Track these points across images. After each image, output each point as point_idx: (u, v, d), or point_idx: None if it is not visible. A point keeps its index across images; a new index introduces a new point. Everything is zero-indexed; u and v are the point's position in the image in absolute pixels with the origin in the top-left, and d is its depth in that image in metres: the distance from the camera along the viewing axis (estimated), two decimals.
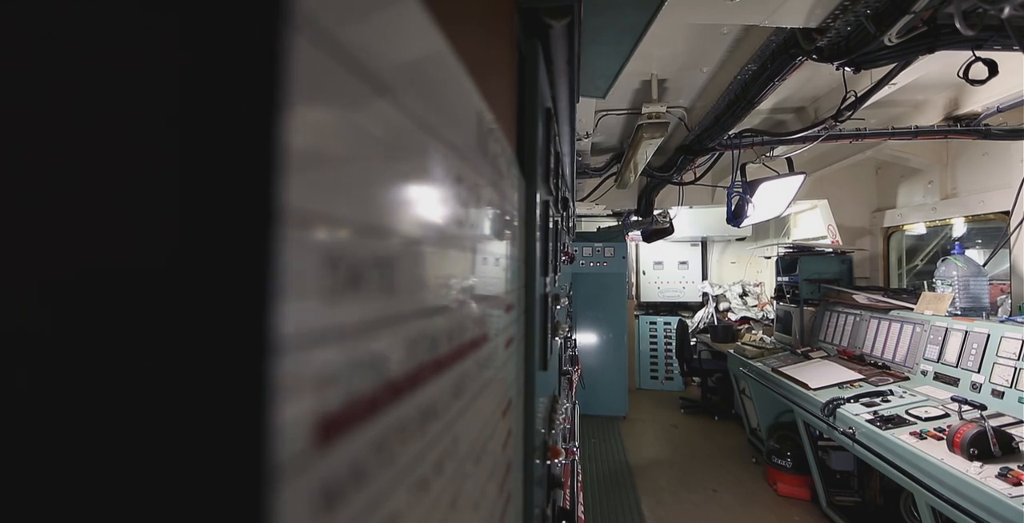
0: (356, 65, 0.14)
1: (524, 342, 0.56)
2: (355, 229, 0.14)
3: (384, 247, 0.16)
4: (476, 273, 0.28)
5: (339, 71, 0.13)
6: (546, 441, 0.72)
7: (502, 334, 0.37)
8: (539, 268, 0.66)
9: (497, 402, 0.36)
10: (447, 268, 0.22)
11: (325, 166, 0.13)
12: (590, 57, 1.18)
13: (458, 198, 0.24)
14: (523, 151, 0.58)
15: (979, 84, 1.28)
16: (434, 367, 0.20)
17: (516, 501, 0.48)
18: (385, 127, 0.15)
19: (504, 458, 0.40)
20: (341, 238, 0.14)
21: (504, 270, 0.40)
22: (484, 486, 0.31)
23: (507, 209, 0.40)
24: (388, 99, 0.15)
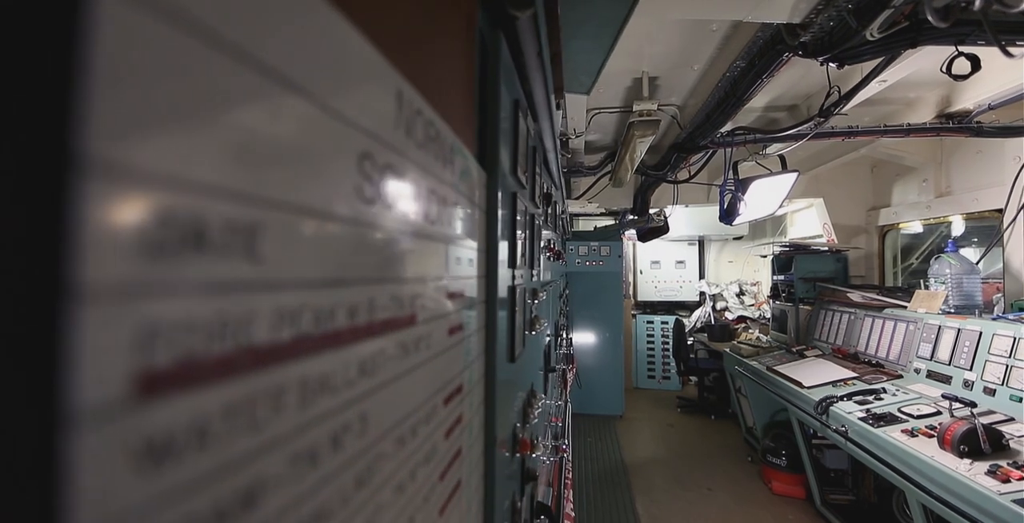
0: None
1: (485, 332, 0.55)
2: (199, 190, 0.14)
3: (245, 213, 0.16)
4: (395, 256, 0.28)
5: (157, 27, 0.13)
6: (516, 434, 0.72)
7: (441, 320, 0.37)
8: (506, 261, 0.65)
9: (435, 388, 0.36)
10: (345, 245, 0.22)
11: (159, 122, 0.13)
12: (572, 53, 1.18)
13: (363, 175, 0.24)
14: (485, 142, 0.58)
15: (962, 79, 1.28)
16: (323, 340, 0.20)
17: (470, 490, 0.48)
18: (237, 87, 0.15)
19: (449, 445, 0.40)
20: (182, 200, 0.14)
21: (449, 258, 0.40)
22: (414, 469, 0.31)
23: (453, 197, 0.40)
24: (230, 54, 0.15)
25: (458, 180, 0.42)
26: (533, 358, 1.00)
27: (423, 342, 0.32)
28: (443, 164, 0.37)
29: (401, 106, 0.28)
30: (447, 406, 0.39)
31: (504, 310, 0.63)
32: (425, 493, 0.33)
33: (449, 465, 0.40)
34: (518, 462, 0.78)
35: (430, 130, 0.33)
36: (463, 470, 0.45)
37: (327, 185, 0.21)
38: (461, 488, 0.44)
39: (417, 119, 0.31)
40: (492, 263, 0.56)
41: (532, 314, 0.95)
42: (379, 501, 0.26)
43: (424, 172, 0.32)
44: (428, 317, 0.33)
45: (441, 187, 0.36)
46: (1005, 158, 2.85)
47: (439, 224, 0.36)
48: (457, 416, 0.42)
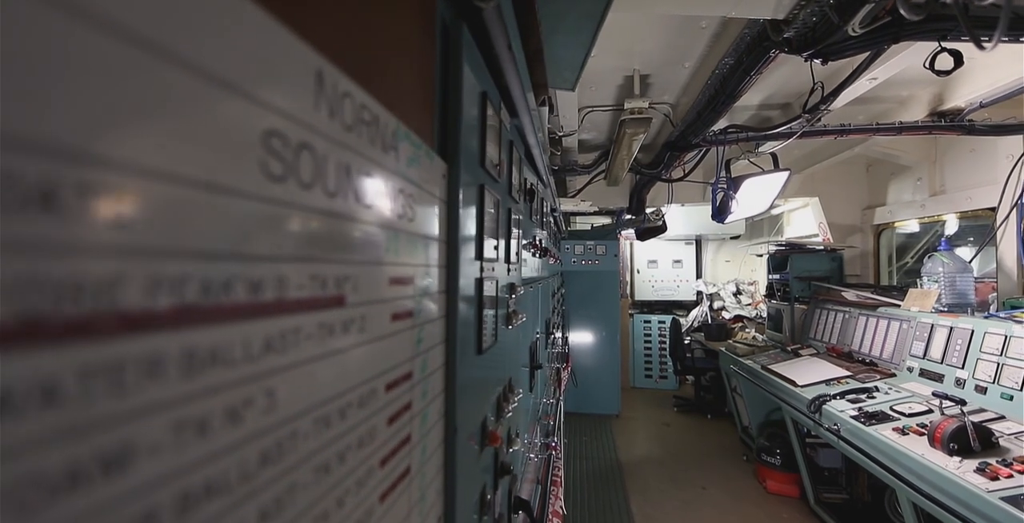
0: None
1: (445, 322, 0.55)
2: (50, 151, 0.14)
3: (104, 178, 0.16)
4: (316, 235, 0.28)
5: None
6: (486, 427, 0.72)
7: (381, 305, 0.37)
8: (472, 252, 0.65)
9: (373, 373, 0.36)
10: (247, 220, 0.22)
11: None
12: (553, 48, 1.18)
13: (269, 151, 0.24)
14: (446, 134, 0.58)
15: (945, 75, 1.28)
16: (215, 312, 0.20)
17: (424, 479, 0.48)
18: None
19: (393, 432, 0.40)
20: (31, 160, 0.14)
21: (393, 244, 0.39)
22: (343, 453, 0.31)
23: (398, 184, 0.40)
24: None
25: (405, 167, 0.42)
26: (511, 353, 1.00)
27: (354, 325, 0.32)
28: (382, 149, 0.37)
29: (322, 87, 0.28)
30: (390, 392, 0.39)
31: (469, 302, 0.63)
32: (359, 477, 0.33)
33: (393, 452, 0.40)
34: (490, 455, 0.78)
35: (363, 114, 0.33)
36: (413, 458, 0.45)
37: (219, 158, 0.21)
38: (411, 476, 0.44)
39: (344, 102, 0.31)
40: (453, 254, 0.56)
41: (510, 309, 0.95)
42: (292, 480, 0.26)
43: (354, 155, 0.32)
44: (362, 301, 0.33)
45: (379, 171, 0.36)
46: (998, 156, 2.84)
47: (377, 209, 0.36)
48: (405, 403, 0.42)
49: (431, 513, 0.50)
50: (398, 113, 0.41)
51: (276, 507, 0.25)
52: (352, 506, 0.32)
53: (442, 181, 0.54)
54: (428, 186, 0.48)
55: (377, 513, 0.37)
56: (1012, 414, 2.16)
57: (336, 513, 0.31)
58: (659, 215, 4.74)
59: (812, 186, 4.31)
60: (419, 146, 0.45)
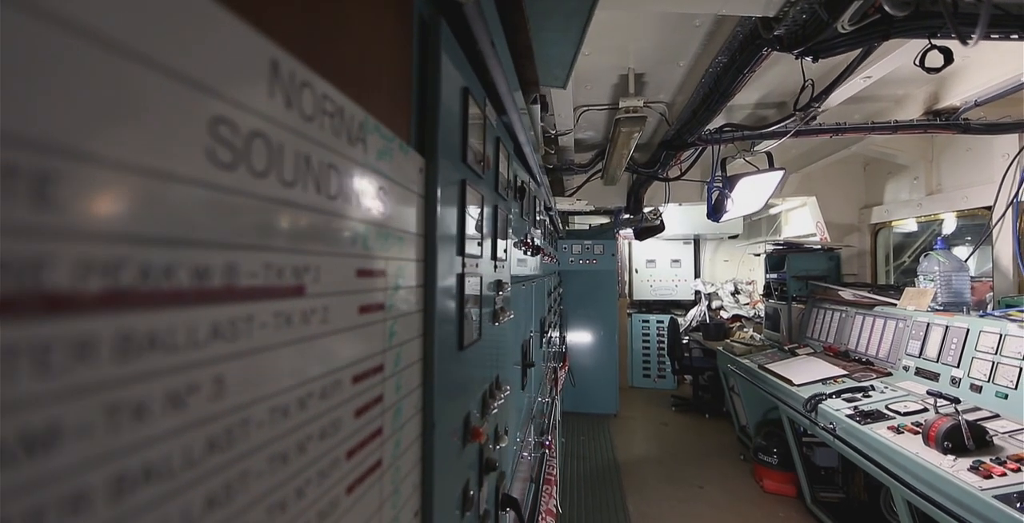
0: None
1: (423, 317, 0.55)
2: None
3: (32, 160, 0.16)
4: (271, 224, 0.28)
5: None
6: (469, 422, 0.72)
7: (347, 297, 0.37)
8: (453, 248, 0.66)
9: (339, 364, 0.36)
10: (191, 206, 0.22)
11: None
12: (543, 46, 1.18)
13: (217, 139, 0.24)
14: (424, 128, 0.58)
15: (935, 72, 1.28)
16: (154, 297, 0.20)
17: (398, 472, 0.48)
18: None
19: (361, 424, 0.40)
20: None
21: (361, 236, 0.40)
22: (303, 443, 0.31)
23: (366, 176, 0.40)
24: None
25: (374, 160, 0.42)
26: (499, 350, 1.00)
27: (316, 316, 0.32)
28: (348, 141, 0.37)
29: (277, 77, 0.28)
30: (357, 384, 0.39)
31: (449, 297, 0.63)
32: (322, 468, 0.33)
33: (362, 444, 0.40)
34: (475, 452, 0.78)
35: (325, 105, 0.33)
36: (385, 451, 0.45)
37: (160, 144, 0.21)
38: (383, 469, 0.44)
39: (303, 92, 0.31)
40: (431, 248, 0.56)
41: (497, 306, 0.95)
42: (245, 468, 0.26)
43: (315, 145, 0.32)
44: (324, 292, 0.33)
45: (344, 163, 0.36)
46: (994, 155, 2.84)
47: (341, 200, 0.36)
48: (375, 396, 0.42)
49: (406, 507, 0.50)
50: (369, 106, 0.42)
51: (226, 494, 0.25)
52: (314, 497, 0.33)
53: (419, 175, 0.54)
54: (402, 180, 0.48)
55: (343, 505, 0.37)
56: (1006, 412, 2.15)
57: (296, 503, 0.31)
58: (657, 214, 4.74)
59: (809, 185, 4.31)
60: (391, 139, 0.45)
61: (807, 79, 1.69)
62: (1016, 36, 1.23)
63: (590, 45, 2.19)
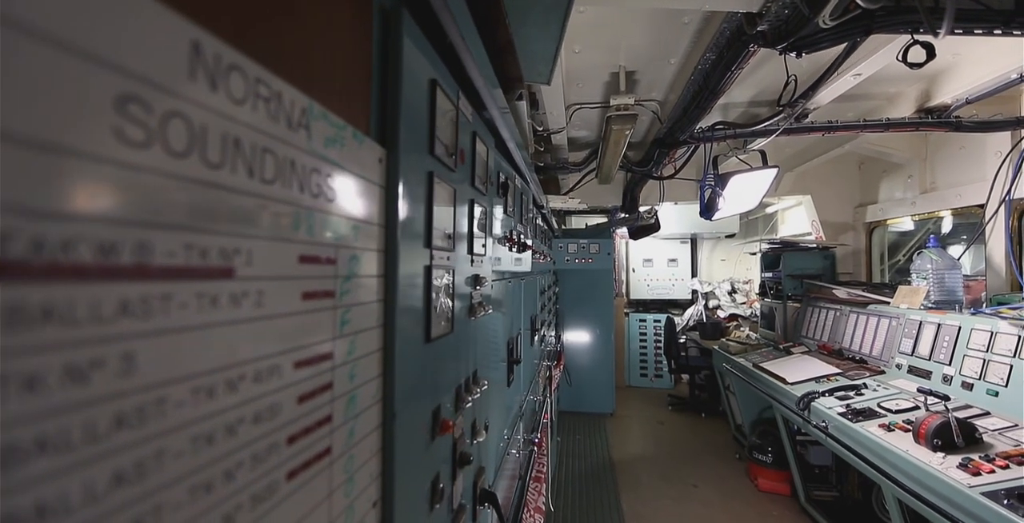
0: None
1: (383, 307, 0.56)
2: None
3: None
4: (191, 204, 0.28)
5: None
6: (438, 414, 0.72)
7: (286, 282, 0.37)
8: (421, 239, 0.66)
9: (276, 349, 0.36)
10: (93, 182, 0.22)
11: None
12: (524, 41, 1.18)
13: (125, 117, 0.24)
14: (385, 119, 0.58)
15: (917, 67, 1.27)
16: (47, 269, 0.20)
17: (351, 461, 0.48)
18: None
19: (305, 411, 0.40)
20: None
21: (304, 222, 0.40)
22: (232, 425, 0.31)
23: (312, 163, 0.40)
24: None
25: (321, 147, 0.42)
26: (477, 345, 1.00)
27: (248, 299, 0.32)
28: (287, 126, 0.37)
29: (199, 58, 0.28)
30: (300, 370, 0.39)
31: (414, 289, 0.63)
32: (255, 452, 0.33)
33: (306, 431, 0.40)
34: (447, 445, 0.78)
35: (258, 89, 0.33)
36: (336, 439, 0.45)
37: (59, 119, 0.21)
38: (332, 457, 0.44)
39: (231, 75, 0.31)
40: (392, 239, 0.56)
41: (474, 300, 0.95)
42: (161, 446, 0.26)
43: (246, 129, 0.32)
44: (258, 275, 0.33)
45: (282, 148, 0.36)
46: (987, 153, 2.84)
47: (280, 185, 0.36)
48: (323, 384, 0.42)
49: (363, 496, 0.50)
50: (315, 93, 0.42)
51: (137, 472, 0.25)
52: (246, 480, 0.33)
53: (379, 166, 0.54)
54: (356, 169, 0.48)
55: (283, 490, 0.37)
56: (997, 410, 2.15)
57: (225, 485, 0.31)
58: (652, 214, 4.74)
59: (805, 184, 4.31)
60: (343, 127, 0.46)
61: (790, 75, 1.69)
62: (999, 31, 1.23)
63: (581, 43, 2.20)
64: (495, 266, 1.25)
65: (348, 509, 0.48)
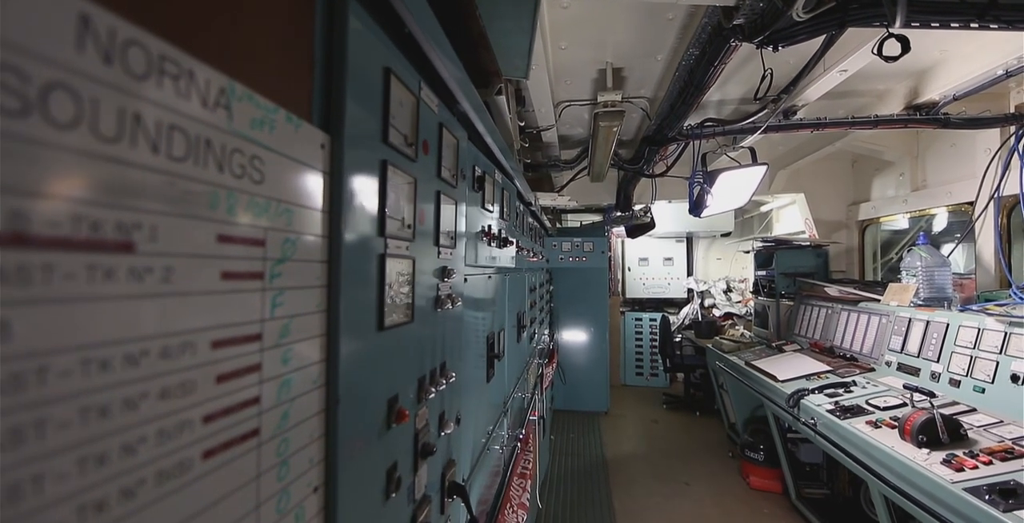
0: None
1: (327, 293, 0.56)
2: None
3: None
4: (78, 175, 0.28)
5: None
6: (394, 403, 0.72)
7: (201, 260, 0.37)
8: (374, 227, 0.66)
9: (186, 326, 0.36)
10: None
11: None
12: (498, 34, 1.18)
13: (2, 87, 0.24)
14: (330, 106, 0.58)
15: (892, 60, 1.27)
16: None
17: (284, 444, 0.48)
18: None
19: (225, 390, 0.40)
20: None
21: (228, 202, 0.40)
22: (134, 400, 0.31)
23: (233, 143, 0.40)
24: None
25: (246, 128, 0.42)
26: (446, 337, 1.00)
27: (153, 275, 0.33)
28: (201, 105, 0.37)
29: (87, 31, 0.28)
30: (219, 350, 0.39)
31: (364, 276, 0.63)
32: (162, 429, 0.33)
33: (227, 411, 0.40)
34: (407, 435, 0.78)
35: (163, 65, 0.33)
36: (266, 422, 0.45)
37: None
38: (261, 439, 0.44)
39: (129, 50, 0.31)
40: (337, 225, 0.56)
41: (441, 292, 0.95)
42: (42, 414, 0.26)
43: (150, 105, 0.32)
44: (165, 252, 0.33)
45: (195, 127, 0.36)
46: (976, 151, 2.84)
47: (192, 164, 0.36)
48: (248, 365, 0.42)
49: (300, 480, 0.50)
50: (243, 75, 0.42)
51: (13, 438, 0.25)
52: (149, 456, 0.33)
53: (321, 151, 0.54)
54: (291, 153, 0.48)
55: (198, 469, 0.37)
56: (983, 406, 2.15)
57: (123, 459, 0.31)
58: (647, 212, 4.74)
59: (798, 182, 4.31)
60: (273, 110, 0.46)
61: (767, 69, 1.69)
62: (975, 24, 1.23)
63: (567, 38, 2.20)
64: (471, 260, 1.25)
65: (282, 492, 0.48)
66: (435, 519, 0.93)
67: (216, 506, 0.39)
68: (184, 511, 0.36)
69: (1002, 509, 1.52)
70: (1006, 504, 1.54)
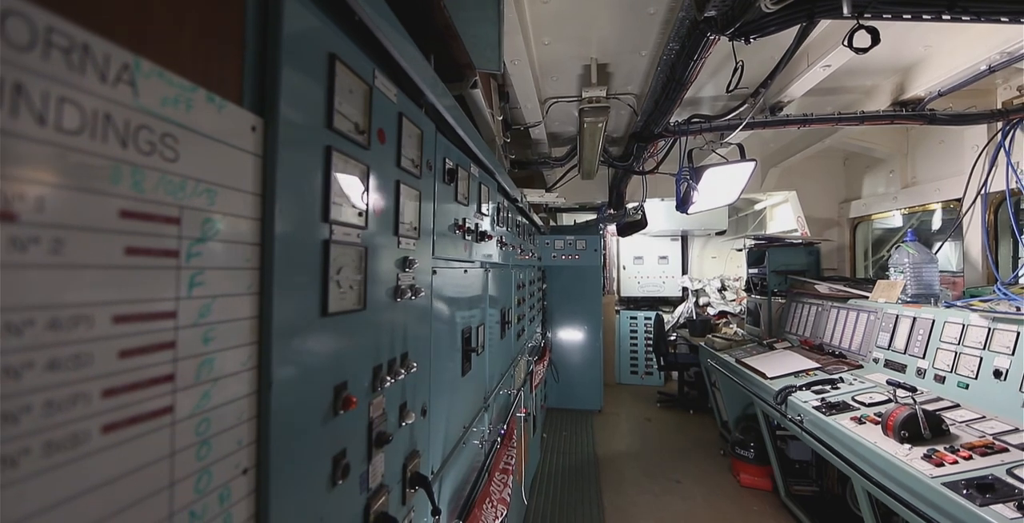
0: None
1: (259, 275, 0.56)
2: None
3: None
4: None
5: None
6: (341, 390, 0.72)
7: (103, 235, 0.37)
8: (317, 213, 0.66)
9: (78, 298, 0.36)
10: None
11: None
12: (465, 25, 1.18)
13: None
14: (264, 89, 0.58)
15: (862, 52, 1.27)
16: None
17: (207, 426, 0.48)
18: None
19: (133, 366, 0.40)
20: None
21: (134, 178, 0.40)
22: (14, 369, 0.31)
23: (134, 119, 0.40)
24: None
25: (156, 105, 0.42)
26: (408, 328, 0.99)
27: (39, 246, 0.33)
28: (100, 80, 0.37)
29: None
30: (121, 325, 0.39)
31: (304, 262, 0.63)
32: (50, 399, 0.33)
33: (132, 387, 0.40)
34: (358, 422, 0.78)
35: (51, 37, 0.33)
36: (181, 401, 0.45)
37: None
38: (175, 417, 0.44)
39: (7, 20, 0.31)
40: (271, 208, 0.56)
41: (401, 282, 0.95)
42: None
43: (34, 76, 0.32)
44: (54, 223, 0.33)
45: (90, 101, 0.36)
46: (964, 147, 2.83)
47: (88, 137, 0.36)
48: (159, 342, 0.42)
49: (225, 461, 0.50)
50: (154, 53, 0.42)
51: None
52: (35, 426, 0.33)
53: (251, 133, 0.54)
54: (214, 133, 0.48)
55: (96, 442, 0.37)
56: (967, 402, 2.15)
57: (1, 427, 0.31)
58: (639, 210, 4.74)
59: (790, 180, 4.31)
60: (190, 89, 0.46)
61: (738, 61, 1.69)
62: (947, 16, 1.23)
63: (549, 34, 2.20)
64: (441, 253, 1.25)
65: (203, 472, 0.48)
66: (395, 509, 0.93)
67: (120, 480, 0.39)
68: (82, 483, 0.36)
69: (979, 503, 1.52)
70: (983, 498, 1.54)
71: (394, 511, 0.92)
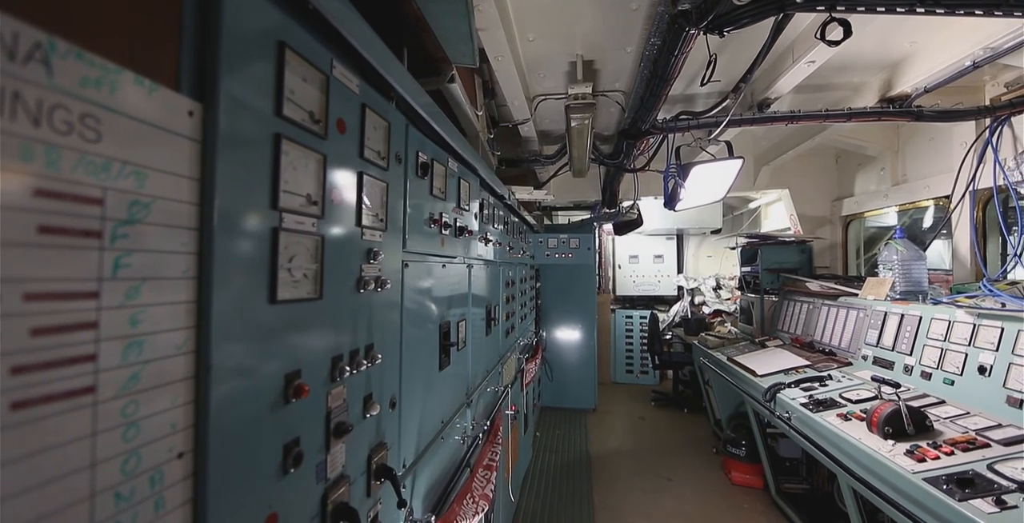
0: None
1: (197, 260, 0.56)
2: None
3: None
4: None
5: None
6: (293, 378, 0.72)
7: (15, 213, 0.37)
8: (265, 200, 0.66)
9: (6, 276, 0.36)
10: None
11: None
12: (435, 17, 1.18)
13: None
14: (205, 75, 0.58)
15: (835, 45, 1.27)
16: None
17: (135, 408, 0.48)
18: None
19: (48, 345, 0.40)
20: None
21: (49, 156, 0.40)
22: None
23: (46, 98, 0.40)
24: None
25: (75, 87, 0.42)
26: (372, 319, 0.99)
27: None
28: (8, 59, 0.37)
29: None
30: (33, 303, 0.39)
31: (247, 247, 0.63)
32: None
33: (47, 365, 0.40)
34: (314, 411, 0.78)
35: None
36: (104, 381, 0.45)
37: None
38: (96, 397, 0.44)
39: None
40: (209, 193, 0.56)
41: (364, 273, 0.95)
42: None
43: None
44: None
45: (12, 83, 0.36)
46: (953, 144, 2.83)
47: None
48: (78, 322, 0.43)
49: (158, 445, 0.50)
50: (72, 33, 0.42)
51: None
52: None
53: (188, 118, 0.54)
54: (143, 116, 0.49)
55: (3, 418, 0.37)
56: (952, 399, 2.15)
57: None
58: (634, 208, 4.74)
59: (783, 178, 4.31)
60: (114, 71, 0.46)
61: (711, 54, 1.69)
62: (921, 9, 1.22)
63: (533, 30, 2.19)
64: (414, 247, 1.25)
65: (131, 454, 0.48)
66: (359, 500, 0.93)
67: (32, 457, 0.39)
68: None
69: (958, 498, 1.52)
70: (962, 493, 1.54)
71: (357, 502, 0.92)
